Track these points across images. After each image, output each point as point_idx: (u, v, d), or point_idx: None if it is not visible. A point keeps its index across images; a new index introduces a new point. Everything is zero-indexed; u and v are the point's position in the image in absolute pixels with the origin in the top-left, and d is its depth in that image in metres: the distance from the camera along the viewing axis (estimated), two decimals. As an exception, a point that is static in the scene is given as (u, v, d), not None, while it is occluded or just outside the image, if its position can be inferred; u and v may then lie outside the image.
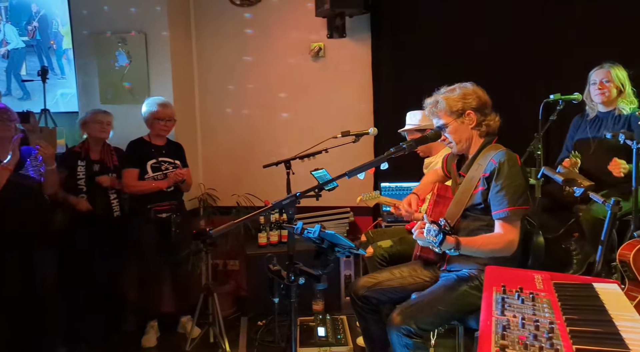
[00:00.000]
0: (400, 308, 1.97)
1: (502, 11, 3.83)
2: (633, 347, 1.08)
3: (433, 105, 2.10)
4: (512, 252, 1.92)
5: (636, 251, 2.21)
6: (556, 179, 1.93)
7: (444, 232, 1.73)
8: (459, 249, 1.83)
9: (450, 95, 2.07)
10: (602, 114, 3.10)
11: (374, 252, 2.70)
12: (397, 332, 1.91)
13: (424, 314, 1.93)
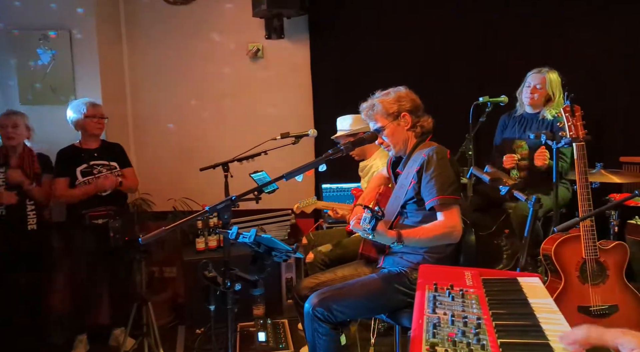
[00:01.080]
0: (320, 292, 1.99)
1: (438, 15, 3.97)
2: (551, 338, 1.14)
3: (369, 109, 2.13)
4: (456, 239, 1.96)
5: (557, 245, 2.36)
6: (483, 179, 2.01)
7: (377, 217, 1.73)
8: (402, 242, 1.85)
9: (386, 98, 2.12)
10: (529, 115, 3.29)
11: (315, 258, 2.70)
12: (310, 313, 1.93)
13: (341, 302, 1.94)
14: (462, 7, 3.94)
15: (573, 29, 3.79)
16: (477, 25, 3.93)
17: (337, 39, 4.10)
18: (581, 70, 3.70)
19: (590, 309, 2.29)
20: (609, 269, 2.32)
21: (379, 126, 2.12)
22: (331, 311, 1.92)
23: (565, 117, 2.40)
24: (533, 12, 3.84)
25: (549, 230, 3.01)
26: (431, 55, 3.97)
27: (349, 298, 1.97)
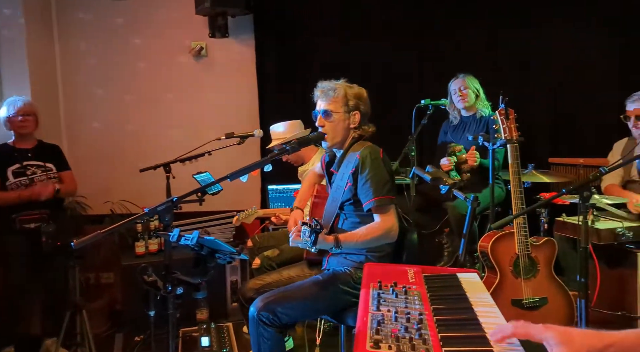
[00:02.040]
0: (265, 296, 1.97)
1: (383, 16, 4.06)
2: (488, 330, 1.18)
3: (330, 89, 2.11)
4: (394, 238, 2.01)
5: (493, 242, 2.47)
6: (425, 178, 2.07)
7: (316, 231, 1.75)
8: (340, 247, 1.87)
9: (349, 89, 2.13)
10: (466, 118, 3.45)
11: (261, 263, 2.66)
12: (255, 317, 1.91)
13: (285, 305, 1.94)
14: (407, 10, 4.05)
15: (509, 36, 4.00)
16: (421, 29, 4.07)
17: (283, 39, 4.10)
18: (516, 75, 3.92)
19: (523, 302, 2.42)
20: (539, 263, 2.47)
21: (330, 109, 2.10)
22: (276, 314, 1.91)
23: (500, 119, 2.53)
24: (472, 19, 4.02)
25: (483, 228, 3.16)
26: (376, 57, 4.06)
27: (294, 300, 1.97)
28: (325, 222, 2.13)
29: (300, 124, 3.22)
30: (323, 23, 4.09)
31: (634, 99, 2.89)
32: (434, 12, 4.06)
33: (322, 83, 2.16)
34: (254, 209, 3.05)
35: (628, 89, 3.01)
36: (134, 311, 3.22)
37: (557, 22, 3.91)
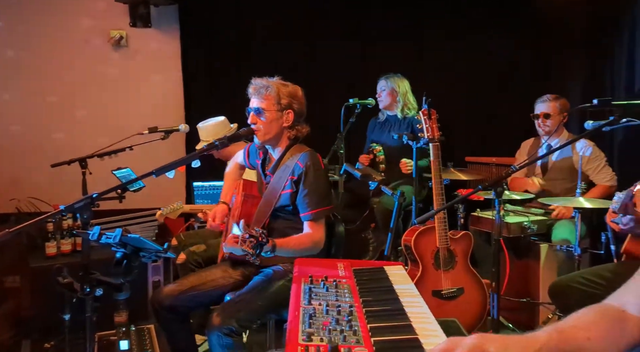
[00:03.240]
0: (220, 308, 1.93)
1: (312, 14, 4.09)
2: (413, 318, 1.25)
3: (263, 87, 2.07)
4: (320, 248, 2.05)
5: (416, 236, 2.59)
6: (355, 175, 2.12)
7: (262, 244, 1.71)
8: (274, 252, 1.86)
9: (283, 87, 2.09)
10: (391, 117, 3.60)
11: (187, 258, 2.58)
12: (218, 332, 1.86)
13: (245, 311, 1.92)
14: (333, 11, 4.12)
15: (434, 41, 4.21)
16: (350, 30, 4.16)
17: (211, 32, 3.99)
18: (436, 78, 4.14)
19: (442, 292, 2.56)
20: (457, 256, 2.62)
21: (262, 107, 2.06)
22: (238, 323, 1.88)
23: (423, 119, 2.66)
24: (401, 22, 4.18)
25: (406, 224, 3.30)
26: (305, 54, 4.08)
27: (252, 305, 1.95)
28: (257, 221, 2.11)
29: (226, 121, 3.16)
30: (253, 16, 4.04)
31: (542, 100, 3.17)
32: (364, 14, 4.16)
33: (255, 80, 2.13)
34: (180, 204, 2.94)
35: (536, 93, 3.30)
36: (45, 316, 2.98)
37: (476, 32, 4.17)
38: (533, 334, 0.96)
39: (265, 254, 1.82)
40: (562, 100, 3.16)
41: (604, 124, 1.93)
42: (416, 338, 1.14)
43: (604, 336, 1.00)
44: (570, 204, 2.78)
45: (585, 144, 3.10)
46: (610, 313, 1.05)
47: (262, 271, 2.12)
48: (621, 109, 1.87)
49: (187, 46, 3.98)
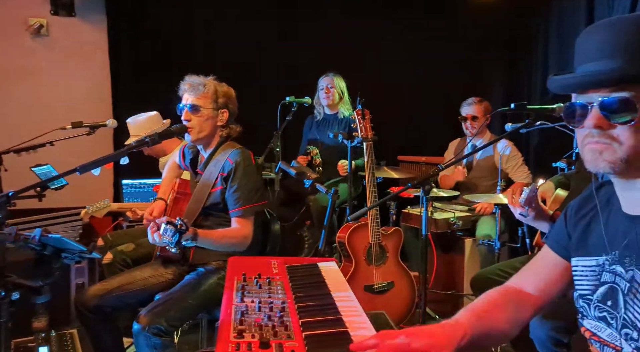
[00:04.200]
0: (148, 308, 1.87)
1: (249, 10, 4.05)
2: (343, 312, 1.28)
3: (200, 84, 2.05)
4: (246, 246, 2.03)
5: (350, 232, 2.66)
6: (290, 173, 2.14)
7: (181, 232, 1.70)
8: (195, 240, 1.84)
9: (219, 86, 2.09)
10: (329, 116, 3.66)
11: (114, 258, 2.46)
12: (145, 333, 1.80)
13: (175, 310, 1.88)
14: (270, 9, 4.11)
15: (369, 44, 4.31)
16: (286, 29, 4.16)
17: (141, 23, 3.84)
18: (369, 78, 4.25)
19: (374, 287, 2.65)
20: (388, 251, 2.72)
21: (198, 105, 2.03)
22: (168, 322, 1.83)
23: (357, 119, 2.73)
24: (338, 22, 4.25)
25: (341, 221, 3.38)
26: (241, 51, 4.04)
27: (182, 303, 1.90)
28: (187, 219, 2.07)
29: (159, 116, 3.06)
30: (188, 9, 3.93)
31: (468, 103, 3.37)
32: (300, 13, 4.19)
33: (190, 77, 2.10)
34: (106, 202, 2.81)
35: (463, 94, 3.49)
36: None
37: (407, 33, 4.33)
38: (455, 322, 1.03)
39: (187, 242, 1.79)
40: (486, 102, 3.38)
41: (521, 126, 2.09)
42: (346, 331, 1.17)
43: (509, 316, 1.11)
44: (491, 201, 2.97)
45: (505, 144, 3.33)
46: (511, 294, 1.16)
47: (194, 269, 2.08)
48: (535, 112, 2.03)
49: (115, 37, 3.80)
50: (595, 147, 0.91)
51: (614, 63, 0.87)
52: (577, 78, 0.92)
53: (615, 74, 0.87)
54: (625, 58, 0.87)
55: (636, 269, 0.91)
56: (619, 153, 0.89)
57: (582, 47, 0.94)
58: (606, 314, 0.97)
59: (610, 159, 0.90)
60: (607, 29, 0.90)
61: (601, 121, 0.89)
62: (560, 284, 1.12)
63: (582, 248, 1.07)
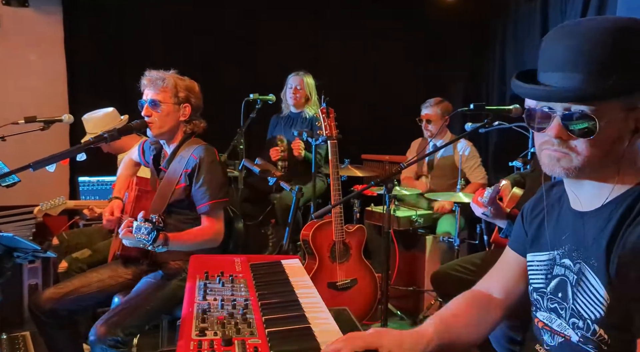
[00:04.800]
0: (104, 319, 1.81)
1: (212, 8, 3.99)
2: (306, 309, 1.29)
3: (159, 79, 2.00)
4: (220, 241, 2.02)
5: (314, 230, 2.67)
6: (254, 170, 2.13)
7: (158, 229, 1.67)
8: (167, 245, 1.80)
9: (180, 80, 2.04)
10: (294, 115, 3.65)
11: (70, 267, 2.36)
12: (102, 345, 1.75)
13: (132, 318, 1.82)
14: (232, 4, 4.07)
15: (334, 43, 4.33)
16: (250, 25, 4.13)
17: (99, 16, 3.72)
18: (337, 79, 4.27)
19: (337, 284, 2.67)
20: (352, 248, 2.75)
21: (158, 100, 1.99)
22: (124, 332, 1.77)
23: (322, 117, 2.74)
24: (302, 21, 4.24)
25: (307, 219, 3.38)
26: (204, 46, 3.98)
27: (140, 310, 1.85)
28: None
29: (116, 113, 2.98)
30: (145, 3, 3.83)
31: (426, 105, 3.44)
32: (263, 10, 4.16)
33: (150, 72, 2.05)
34: (62, 200, 2.71)
35: (424, 95, 3.56)
36: None
37: (371, 34, 4.39)
38: (422, 328, 1.08)
39: (158, 248, 1.76)
40: (445, 103, 3.45)
41: (479, 126, 2.15)
42: (308, 327, 1.18)
43: (476, 321, 1.16)
44: (451, 199, 3.05)
45: (465, 144, 3.42)
46: (478, 298, 1.21)
47: (154, 270, 2.03)
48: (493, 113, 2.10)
49: (71, 30, 3.66)
50: (554, 154, 0.95)
51: (576, 79, 0.89)
52: (536, 91, 0.95)
53: (576, 93, 0.89)
54: (589, 72, 0.88)
55: (583, 262, 0.96)
56: (575, 162, 0.93)
57: (545, 53, 0.96)
58: (557, 305, 1.01)
59: (566, 166, 0.94)
60: (572, 37, 0.91)
61: (562, 132, 0.92)
62: (524, 282, 1.15)
63: (536, 244, 1.12)
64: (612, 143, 0.91)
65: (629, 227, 0.89)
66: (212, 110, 2.26)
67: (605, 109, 0.89)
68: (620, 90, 0.89)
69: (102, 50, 3.73)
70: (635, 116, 0.92)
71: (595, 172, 0.95)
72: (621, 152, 0.93)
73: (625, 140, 0.92)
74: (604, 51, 0.87)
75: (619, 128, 0.91)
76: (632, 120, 0.92)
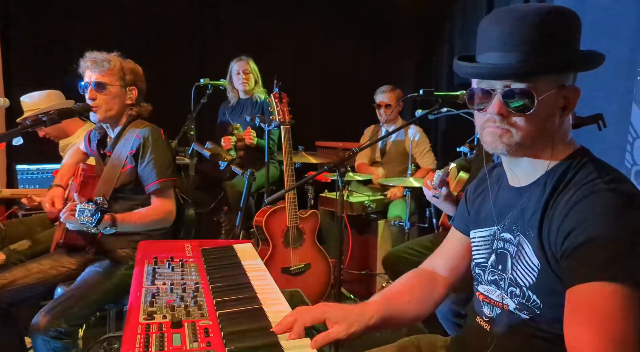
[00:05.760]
0: (47, 309, 1.73)
1: None
2: (258, 290, 1.29)
3: (105, 60, 1.92)
4: (171, 221, 1.97)
5: (267, 216, 2.65)
6: (204, 154, 2.08)
7: (102, 210, 1.61)
8: (115, 227, 1.75)
9: (125, 63, 1.99)
10: (243, 101, 3.59)
11: (8, 259, 2.23)
12: (44, 337, 1.67)
13: (77, 308, 1.75)
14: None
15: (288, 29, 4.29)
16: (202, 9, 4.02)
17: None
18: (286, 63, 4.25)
19: (291, 269, 2.68)
20: (305, 233, 2.76)
21: (104, 82, 1.91)
22: (68, 323, 1.70)
23: (274, 103, 2.71)
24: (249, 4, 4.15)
25: (260, 206, 3.36)
26: (151, 29, 3.83)
27: (84, 300, 1.78)
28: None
29: (60, 95, 2.83)
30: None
31: (382, 90, 3.49)
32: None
33: (92, 53, 1.96)
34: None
35: (378, 82, 3.61)
36: None
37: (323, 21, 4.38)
38: (367, 303, 1.13)
39: (105, 230, 1.70)
40: (398, 90, 3.52)
41: (427, 112, 2.20)
42: (260, 307, 1.18)
43: (420, 297, 1.21)
44: (402, 184, 3.12)
45: (415, 130, 3.51)
46: (424, 276, 1.26)
47: (100, 258, 1.96)
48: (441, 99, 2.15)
49: (6, 8, 3.42)
50: (496, 131, 0.99)
51: (513, 57, 0.94)
52: (480, 69, 1.00)
53: (515, 70, 0.95)
54: (522, 51, 0.94)
55: (521, 235, 1.01)
56: (515, 138, 0.98)
57: (483, 35, 1.01)
58: (497, 277, 1.07)
59: (507, 142, 0.99)
60: (508, 20, 0.97)
61: (503, 109, 0.97)
62: (467, 259, 1.21)
63: (478, 221, 1.17)
64: (546, 119, 0.97)
65: (559, 195, 0.95)
66: (161, 95, 2.20)
67: (540, 85, 0.95)
68: (552, 67, 0.95)
69: (41, 30, 3.51)
70: (564, 93, 0.98)
71: (532, 148, 1.00)
72: (554, 128, 0.99)
73: (556, 117, 0.99)
74: (536, 31, 0.94)
75: (552, 104, 0.97)
76: (562, 98, 0.98)
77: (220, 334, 1.03)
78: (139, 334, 1.01)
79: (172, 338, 1.00)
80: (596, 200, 0.88)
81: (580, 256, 0.87)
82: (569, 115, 1.01)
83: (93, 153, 2.18)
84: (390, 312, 1.12)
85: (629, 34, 1.56)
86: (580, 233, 0.87)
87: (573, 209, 0.90)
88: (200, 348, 0.97)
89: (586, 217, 0.87)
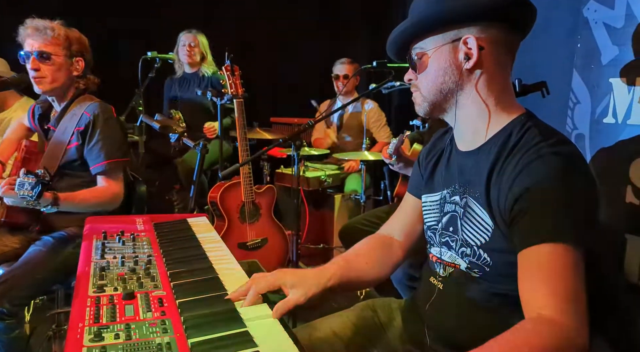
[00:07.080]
0: None
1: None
2: (214, 261, 1.27)
3: (48, 28, 1.79)
4: (118, 204, 1.90)
5: (222, 191, 2.61)
6: (154, 126, 2.00)
7: (43, 183, 1.52)
8: (57, 205, 1.66)
9: (71, 32, 1.86)
10: (188, 75, 3.48)
11: None
12: None
13: (19, 288, 1.66)
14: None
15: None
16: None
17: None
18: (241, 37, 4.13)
19: (247, 244, 2.66)
20: (261, 208, 2.74)
21: (49, 51, 1.79)
22: (11, 303, 1.60)
23: (226, 75, 2.64)
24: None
25: (214, 183, 3.30)
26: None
27: (28, 279, 1.67)
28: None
29: (4, 63, 2.63)
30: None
31: (341, 61, 3.50)
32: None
33: (33, 20, 1.81)
34: None
35: (333, 57, 3.59)
36: None
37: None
38: (325, 266, 1.14)
39: (47, 208, 1.61)
40: (356, 64, 3.53)
41: (381, 84, 2.22)
42: (216, 277, 1.16)
43: (378, 259, 1.23)
44: (357, 158, 3.15)
45: (371, 104, 3.53)
46: (381, 241, 1.28)
47: (42, 238, 1.86)
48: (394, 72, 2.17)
49: None
50: (413, 96, 1.08)
51: (407, 22, 1.03)
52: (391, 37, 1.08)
53: (404, 31, 1.04)
54: (412, 14, 1.03)
55: (469, 197, 1.04)
56: (420, 98, 1.06)
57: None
58: (448, 238, 1.10)
59: (418, 103, 1.08)
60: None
61: (410, 73, 1.06)
62: (421, 223, 1.23)
63: (429, 186, 1.19)
64: (444, 74, 1.01)
65: (505, 160, 0.97)
66: (107, 70, 2.08)
67: (430, 42, 1.01)
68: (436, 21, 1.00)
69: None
70: (457, 46, 1.00)
71: (444, 103, 1.05)
72: (459, 80, 1.01)
73: (458, 71, 1.01)
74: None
75: (447, 58, 1.00)
76: (462, 52, 0.99)
77: (175, 303, 1.01)
78: (88, 307, 0.98)
79: (125, 309, 0.97)
80: (541, 164, 0.91)
81: (527, 219, 0.90)
82: (482, 66, 1.00)
83: (37, 129, 2.05)
84: (349, 274, 1.13)
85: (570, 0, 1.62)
86: (527, 198, 0.90)
87: (520, 173, 0.92)
88: (154, 317, 0.95)
89: (532, 182, 0.90)
